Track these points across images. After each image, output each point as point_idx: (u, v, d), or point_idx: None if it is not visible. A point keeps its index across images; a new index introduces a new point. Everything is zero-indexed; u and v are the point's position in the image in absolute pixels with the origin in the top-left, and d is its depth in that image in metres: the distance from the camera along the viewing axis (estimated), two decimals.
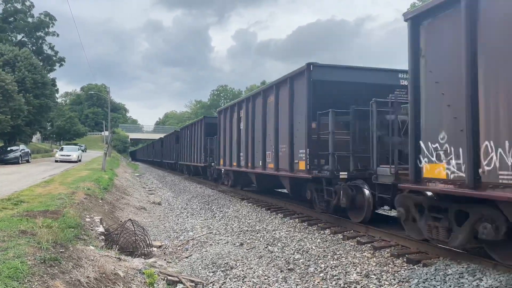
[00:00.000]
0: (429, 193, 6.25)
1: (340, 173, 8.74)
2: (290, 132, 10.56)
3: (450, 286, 5.12)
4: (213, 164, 20.24)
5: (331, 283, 5.95)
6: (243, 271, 6.94)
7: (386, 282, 5.67)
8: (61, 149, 37.78)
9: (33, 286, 4.25)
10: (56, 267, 4.97)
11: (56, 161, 32.38)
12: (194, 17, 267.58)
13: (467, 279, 5.20)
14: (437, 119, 5.77)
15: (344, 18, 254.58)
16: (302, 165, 9.87)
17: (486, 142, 4.96)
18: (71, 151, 35.42)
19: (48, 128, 60.57)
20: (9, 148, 30.50)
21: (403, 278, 5.68)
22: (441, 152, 5.60)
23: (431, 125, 5.87)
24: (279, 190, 15.04)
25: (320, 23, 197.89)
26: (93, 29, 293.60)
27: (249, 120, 14.00)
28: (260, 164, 12.84)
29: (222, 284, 6.51)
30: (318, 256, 7.18)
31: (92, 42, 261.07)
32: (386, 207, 9.27)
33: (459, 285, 5.10)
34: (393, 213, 9.93)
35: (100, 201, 12.39)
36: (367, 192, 8.26)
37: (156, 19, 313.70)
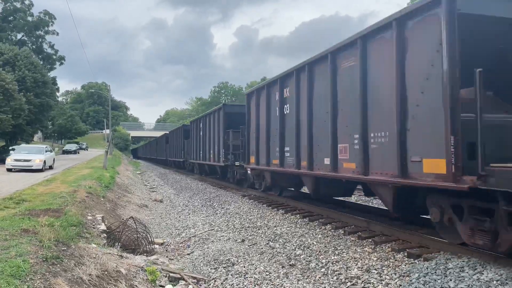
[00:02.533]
0: None
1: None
2: (400, 107, 6.44)
3: (451, 280, 5.14)
4: (236, 163, 16.67)
5: (332, 278, 5.97)
6: (244, 267, 6.97)
7: (387, 277, 5.69)
8: (14, 150, 24.38)
9: (35, 284, 4.28)
10: (58, 265, 4.99)
11: (9, 170, 21.22)
12: (197, 15, 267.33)
13: (467, 272, 5.21)
14: None
15: (349, 14, 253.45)
16: (435, 166, 5.77)
17: None
18: (32, 154, 22.25)
19: (49, 127, 60.69)
20: (10, 148, 30.57)
21: (404, 273, 5.70)
22: None
23: None
24: (345, 199, 11.95)
25: (324, 18, 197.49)
26: (96, 28, 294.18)
27: (302, 100, 10.06)
28: (326, 162, 8.81)
29: (224, 281, 6.54)
30: (319, 251, 7.20)
31: (95, 41, 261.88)
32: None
33: (460, 278, 5.11)
34: None
35: (102, 199, 12.43)
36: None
37: (160, 18, 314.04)
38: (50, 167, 23.44)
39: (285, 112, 11.11)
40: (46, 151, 23.84)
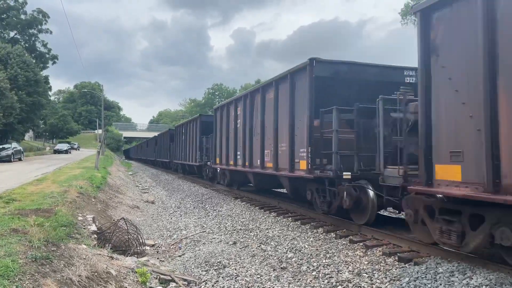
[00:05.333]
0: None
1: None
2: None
3: (441, 284, 5.17)
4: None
5: (324, 281, 5.98)
6: (236, 269, 6.96)
7: (378, 281, 5.71)
8: None
9: (24, 284, 4.23)
10: (48, 266, 4.94)
11: None
12: (195, 17, 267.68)
13: (457, 277, 5.25)
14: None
15: (348, 20, 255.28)
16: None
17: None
18: None
19: (41, 126, 60.22)
20: (1, 146, 30.22)
21: (394, 277, 5.73)
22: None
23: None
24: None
25: (323, 23, 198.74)
26: (96, 28, 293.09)
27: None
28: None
29: (215, 283, 6.52)
30: (311, 254, 7.21)
31: (94, 41, 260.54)
32: (390, 209, 9.23)
33: (450, 283, 5.15)
34: (394, 214, 9.98)
35: (93, 200, 12.34)
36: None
37: (159, 19, 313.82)
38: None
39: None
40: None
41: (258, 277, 6.50)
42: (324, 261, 6.80)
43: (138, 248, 8.30)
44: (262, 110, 12.24)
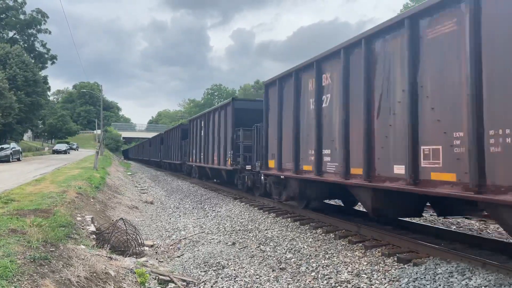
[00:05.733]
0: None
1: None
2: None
3: (440, 285, 5.17)
4: (247, 166, 19.39)
5: (323, 282, 5.97)
6: (235, 270, 6.95)
7: (377, 281, 5.71)
8: None
9: (23, 285, 4.22)
10: (46, 266, 4.93)
11: None
12: (195, 17, 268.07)
13: (456, 278, 5.25)
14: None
15: (348, 21, 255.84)
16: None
17: None
18: None
19: (40, 126, 60.16)
20: None
21: (393, 277, 5.72)
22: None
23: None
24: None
25: (323, 24, 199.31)
26: (97, 28, 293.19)
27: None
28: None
29: (214, 284, 6.51)
30: (310, 255, 7.20)
31: (94, 41, 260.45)
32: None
33: (449, 284, 5.14)
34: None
35: (92, 200, 12.32)
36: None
37: (158, 19, 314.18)
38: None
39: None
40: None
41: (257, 278, 6.49)
42: (323, 261, 6.80)
43: (137, 248, 8.29)
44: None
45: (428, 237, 7.26)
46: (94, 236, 8.24)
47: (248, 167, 14.52)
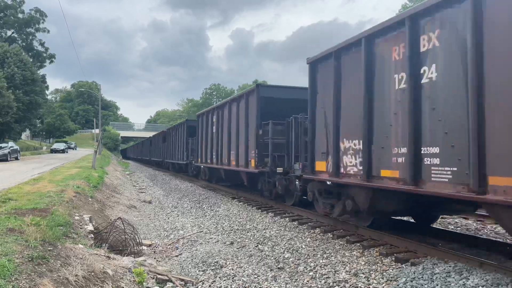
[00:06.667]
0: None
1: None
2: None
3: (437, 285, 5.18)
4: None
5: (321, 281, 5.98)
6: (233, 270, 6.95)
7: (375, 281, 5.72)
8: None
9: (20, 284, 4.21)
10: (44, 265, 4.93)
11: None
12: (195, 17, 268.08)
13: (453, 278, 5.26)
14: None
15: (347, 21, 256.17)
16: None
17: None
18: None
19: (38, 125, 60.03)
20: None
21: (391, 277, 5.73)
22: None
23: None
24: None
25: (323, 24, 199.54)
26: (95, 28, 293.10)
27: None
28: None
29: (212, 283, 6.51)
30: (308, 255, 7.22)
31: (94, 41, 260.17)
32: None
33: (446, 284, 5.16)
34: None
35: (90, 199, 12.31)
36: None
37: (158, 19, 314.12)
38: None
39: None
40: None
41: (255, 277, 6.49)
42: (321, 261, 6.81)
43: (135, 248, 8.28)
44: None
45: (426, 237, 7.28)
46: (92, 236, 8.24)
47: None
